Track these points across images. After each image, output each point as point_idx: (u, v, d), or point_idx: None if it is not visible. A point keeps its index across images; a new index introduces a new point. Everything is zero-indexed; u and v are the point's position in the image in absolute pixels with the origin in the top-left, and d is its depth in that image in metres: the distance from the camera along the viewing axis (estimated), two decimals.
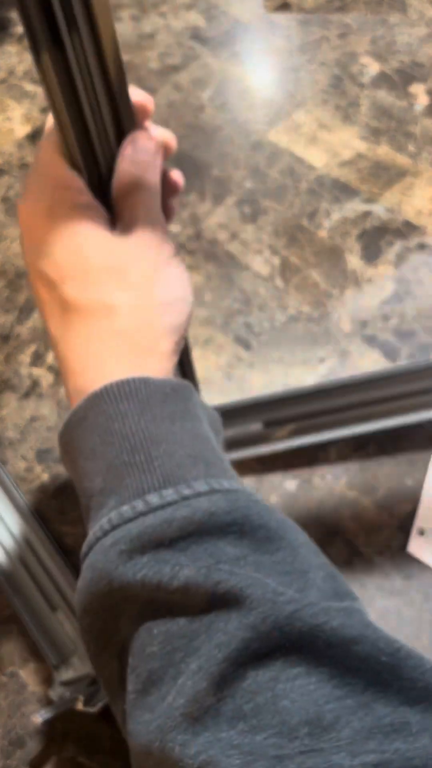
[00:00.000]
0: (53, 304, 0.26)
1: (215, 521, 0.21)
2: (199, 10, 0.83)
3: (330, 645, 0.19)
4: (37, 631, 0.44)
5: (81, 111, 0.25)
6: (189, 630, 0.20)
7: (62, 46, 0.23)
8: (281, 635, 0.19)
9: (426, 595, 0.46)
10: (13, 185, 0.69)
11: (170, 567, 0.20)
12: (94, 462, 0.23)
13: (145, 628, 0.21)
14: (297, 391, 0.50)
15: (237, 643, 0.19)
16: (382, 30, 0.79)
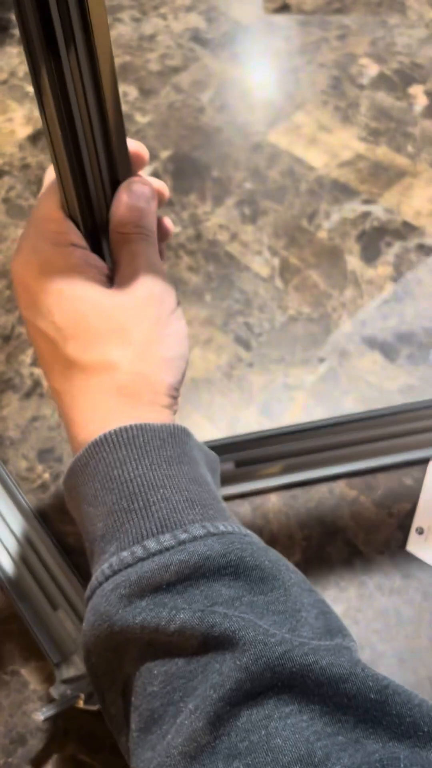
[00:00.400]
0: (55, 360, 0.27)
1: (211, 564, 0.22)
2: (199, 11, 0.84)
3: (320, 684, 0.19)
4: (38, 630, 0.45)
5: (81, 160, 0.26)
6: (187, 671, 0.21)
7: (67, 98, 0.24)
8: (273, 675, 0.19)
9: (425, 593, 0.46)
10: (14, 186, 0.70)
11: (167, 611, 0.21)
12: (95, 507, 0.24)
13: (146, 669, 0.21)
14: (269, 432, 0.50)
15: (231, 684, 0.19)
16: (381, 31, 0.80)
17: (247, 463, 0.50)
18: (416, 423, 0.51)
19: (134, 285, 0.27)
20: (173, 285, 0.29)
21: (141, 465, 0.24)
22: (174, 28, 0.82)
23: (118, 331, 0.26)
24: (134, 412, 0.26)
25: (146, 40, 0.81)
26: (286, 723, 0.19)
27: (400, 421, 0.51)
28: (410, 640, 0.44)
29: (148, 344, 0.26)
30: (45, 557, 0.48)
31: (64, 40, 0.22)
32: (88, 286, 0.26)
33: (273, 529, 0.49)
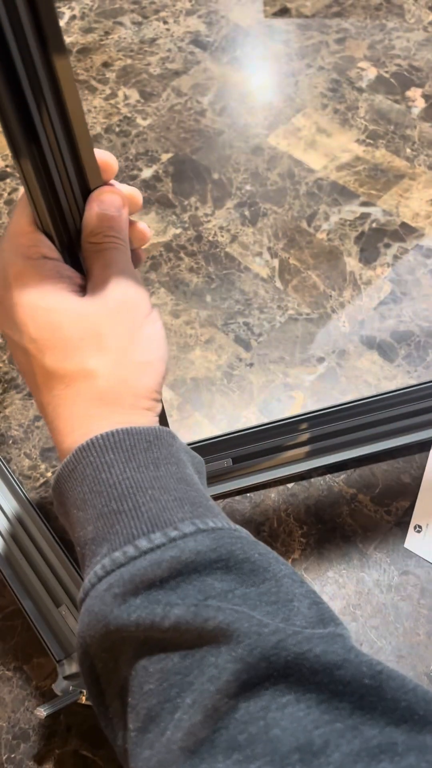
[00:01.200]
0: (34, 373, 0.27)
1: (202, 559, 0.22)
2: (199, 15, 0.84)
3: (315, 671, 0.20)
4: (41, 627, 0.45)
5: (49, 174, 0.25)
6: (182, 666, 0.21)
7: (30, 116, 0.24)
8: (268, 665, 0.20)
9: (423, 590, 0.46)
10: (16, 188, 0.70)
11: (162, 607, 0.21)
12: (84, 511, 0.25)
13: (142, 667, 0.21)
14: (264, 425, 0.51)
15: (228, 676, 0.20)
16: (380, 34, 0.80)
17: (244, 458, 0.50)
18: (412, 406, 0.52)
19: (107, 292, 0.27)
20: (175, 291, 0.29)
21: (128, 467, 0.24)
22: (175, 31, 0.83)
23: (94, 339, 0.26)
24: (117, 417, 0.26)
25: (147, 44, 0.82)
26: (283, 713, 0.19)
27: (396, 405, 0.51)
28: (408, 636, 0.45)
29: (124, 349, 0.27)
30: (47, 554, 0.49)
31: (18, 52, 0.22)
32: (60, 296, 0.27)
33: (272, 525, 0.50)
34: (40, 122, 0.24)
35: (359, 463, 0.52)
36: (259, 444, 0.50)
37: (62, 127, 0.25)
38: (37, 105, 0.24)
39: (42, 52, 0.22)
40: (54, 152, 0.25)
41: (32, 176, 0.26)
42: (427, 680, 0.43)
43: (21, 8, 0.20)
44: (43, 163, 0.25)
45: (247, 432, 0.51)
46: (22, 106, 0.24)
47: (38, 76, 0.23)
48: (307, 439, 0.51)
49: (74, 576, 0.48)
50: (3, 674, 0.45)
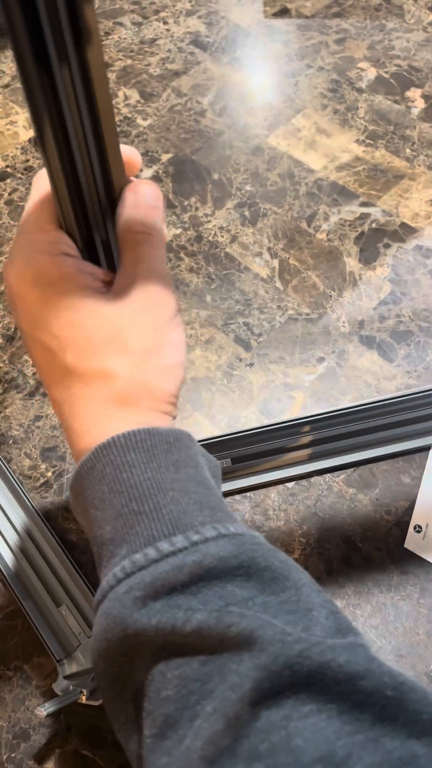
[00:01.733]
0: (53, 370, 0.26)
1: (224, 565, 0.22)
2: (199, 15, 0.84)
3: (338, 681, 0.19)
4: (42, 626, 0.45)
5: (76, 174, 0.25)
6: (202, 673, 0.20)
7: (62, 114, 0.24)
8: (292, 674, 0.19)
9: (422, 589, 0.46)
10: (17, 188, 0.70)
11: (183, 612, 0.21)
12: (103, 510, 0.24)
13: (159, 672, 0.21)
14: (263, 427, 0.51)
15: (250, 683, 0.19)
16: (380, 35, 0.81)
17: (244, 459, 0.50)
18: (412, 413, 0.52)
19: (134, 291, 0.26)
20: (175, 291, 0.28)
21: (149, 468, 0.24)
22: (175, 32, 0.83)
23: (116, 339, 0.26)
24: (136, 418, 0.26)
25: (147, 44, 0.82)
26: (305, 723, 0.19)
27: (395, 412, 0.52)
28: (408, 636, 0.45)
29: (146, 352, 0.26)
30: (48, 554, 0.49)
31: (57, 55, 0.22)
32: (83, 294, 0.26)
33: (272, 525, 0.50)
34: (69, 114, 0.24)
35: (359, 464, 0.52)
36: (258, 446, 0.51)
37: (90, 119, 0.25)
38: (67, 96, 0.24)
39: (75, 41, 0.22)
40: (80, 146, 0.25)
41: (59, 171, 0.25)
42: (426, 680, 0.44)
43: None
44: (70, 157, 0.25)
45: (247, 433, 0.51)
46: (55, 98, 0.23)
47: (70, 67, 0.23)
48: (308, 442, 0.51)
49: (74, 576, 0.48)
50: (3, 674, 0.45)
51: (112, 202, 0.28)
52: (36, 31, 0.22)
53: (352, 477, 0.51)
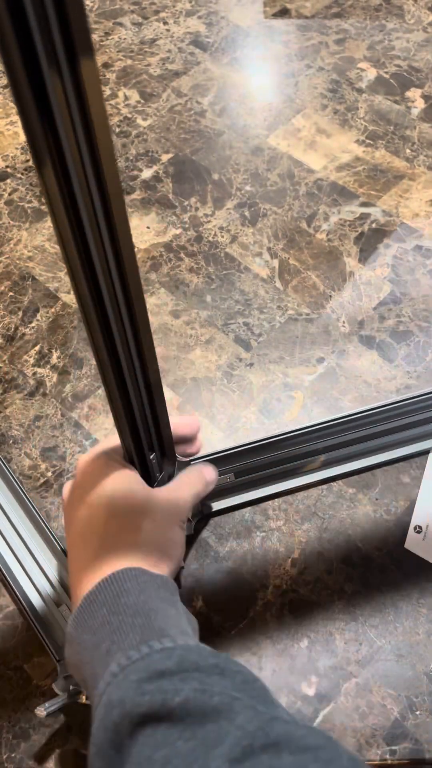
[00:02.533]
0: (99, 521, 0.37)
1: (205, 662, 0.27)
2: (199, 16, 0.85)
3: (302, 749, 0.23)
4: (41, 626, 0.45)
5: (137, 434, 0.37)
6: (187, 748, 0.24)
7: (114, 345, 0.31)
8: (265, 735, 0.23)
9: (422, 590, 0.46)
10: (17, 188, 0.70)
11: (172, 689, 0.26)
12: (100, 634, 0.30)
13: (146, 757, 0.24)
14: (265, 439, 0.51)
15: (230, 742, 0.23)
16: (379, 35, 0.81)
17: (246, 472, 0.50)
18: (412, 417, 0.52)
19: (166, 494, 0.40)
20: (175, 291, 0.35)
21: (142, 595, 0.31)
22: (175, 32, 0.83)
23: (151, 511, 0.37)
24: (145, 564, 0.35)
25: (147, 45, 0.82)
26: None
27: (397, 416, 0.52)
28: (408, 636, 0.45)
29: (164, 527, 0.37)
30: (47, 554, 0.49)
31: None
32: (137, 482, 0.39)
33: (272, 525, 0.50)
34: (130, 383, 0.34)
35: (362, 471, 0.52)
36: (262, 458, 0.50)
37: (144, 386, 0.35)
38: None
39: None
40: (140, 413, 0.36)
41: (129, 442, 0.37)
42: (426, 680, 0.44)
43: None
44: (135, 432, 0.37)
45: (251, 447, 0.50)
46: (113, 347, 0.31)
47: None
48: (311, 451, 0.51)
49: None
50: (3, 673, 0.46)
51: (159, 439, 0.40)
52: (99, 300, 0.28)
53: (353, 477, 0.51)
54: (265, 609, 0.47)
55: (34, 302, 0.62)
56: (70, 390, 0.57)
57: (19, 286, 0.64)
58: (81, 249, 0.25)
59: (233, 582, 0.48)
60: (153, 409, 0.37)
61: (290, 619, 0.46)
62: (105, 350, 0.30)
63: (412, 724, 0.42)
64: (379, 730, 0.42)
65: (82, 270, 0.25)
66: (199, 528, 0.50)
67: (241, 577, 0.48)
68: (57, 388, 0.57)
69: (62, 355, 0.59)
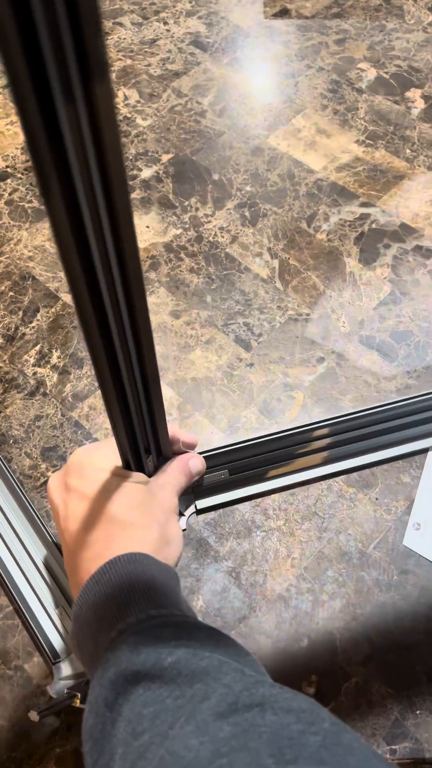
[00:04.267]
0: (109, 523, 0.38)
1: (200, 633, 0.29)
2: (199, 16, 0.85)
3: (285, 710, 0.24)
4: (37, 628, 0.45)
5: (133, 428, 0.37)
6: (176, 706, 0.25)
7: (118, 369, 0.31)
8: (250, 695, 0.25)
9: (422, 588, 0.46)
10: (17, 188, 0.70)
11: (166, 651, 0.27)
12: (103, 609, 0.32)
13: (137, 714, 0.26)
14: (263, 437, 0.50)
15: (216, 699, 0.25)
16: (379, 35, 0.81)
17: (241, 470, 0.50)
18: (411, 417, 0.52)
19: (160, 490, 0.41)
20: (175, 292, 0.33)
21: (145, 574, 0.33)
22: (175, 32, 0.83)
23: (149, 509, 0.39)
24: (150, 553, 0.36)
25: (147, 45, 0.82)
26: (266, 723, 0.23)
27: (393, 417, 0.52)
28: (408, 635, 0.45)
29: (164, 523, 0.39)
30: (46, 555, 0.49)
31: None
32: (135, 483, 0.40)
33: (272, 525, 0.50)
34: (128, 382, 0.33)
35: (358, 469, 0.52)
36: (257, 457, 0.50)
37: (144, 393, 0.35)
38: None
39: None
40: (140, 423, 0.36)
41: (121, 425, 0.36)
42: (426, 679, 0.44)
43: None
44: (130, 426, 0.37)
45: (245, 444, 0.50)
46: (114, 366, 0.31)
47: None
48: (308, 450, 0.51)
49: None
50: (4, 673, 0.46)
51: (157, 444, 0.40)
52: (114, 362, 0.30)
53: (352, 476, 0.51)
54: (265, 608, 0.47)
55: (35, 302, 0.62)
56: (71, 390, 0.57)
57: (20, 286, 0.64)
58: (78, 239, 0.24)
59: (233, 582, 0.48)
60: (150, 410, 0.37)
61: (290, 618, 0.46)
62: (102, 349, 0.29)
63: (413, 723, 0.42)
64: (380, 730, 0.42)
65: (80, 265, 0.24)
66: (192, 524, 0.50)
67: (240, 576, 0.48)
68: (57, 388, 0.57)
69: (62, 355, 0.59)
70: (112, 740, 0.26)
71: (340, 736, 0.23)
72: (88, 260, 0.24)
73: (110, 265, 0.25)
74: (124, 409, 0.34)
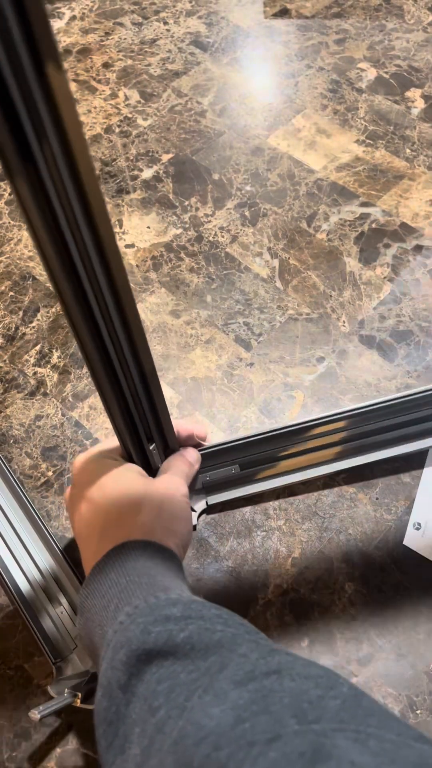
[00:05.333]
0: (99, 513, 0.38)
1: (208, 612, 0.29)
2: (199, 16, 0.85)
3: (302, 676, 0.24)
4: (38, 628, 0.45)
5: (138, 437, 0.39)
6: (190, 679, 0.25)
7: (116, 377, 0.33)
8: (266, 663, 0.25)
9: (422, 588, 0.47)
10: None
11: (177, 628, 0.27)
12: (108, 596, 0.32)
13: (152, 691, 0.25)
14: (272, 431, 0.50)
15: (233, 668, 0.24)
16: (379, 35, 0.81)
17: (250, 465, 0.50)
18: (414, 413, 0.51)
19: (164, 479, 0.42)
20: (175, 291, 0.35)
21: (149, 560, 0.33)
22: (175, 32, 0.83)
23: (144, 494, 0.40)
24: (150, 538, 0.37)
25: (147, 45, 0.82)
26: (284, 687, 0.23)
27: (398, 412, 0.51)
28: (408, 635, 0.45)
29: (162, 508, 0.39)
30: (46, 555, 0.49)
31: None
32: (135, 473, 0.41)
33: (272, 525, 0.50)
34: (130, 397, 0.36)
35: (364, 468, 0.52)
36: (265, 451, 0.50)
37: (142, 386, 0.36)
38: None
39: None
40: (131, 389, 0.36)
41: (120, 419, 0.37)
42: (426, 679, 0.44)
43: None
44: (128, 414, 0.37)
45: (255, 438, 0.50)
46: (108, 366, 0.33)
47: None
48: (318, 446, 0.51)
49: (72, 578, 0.48)
50: (4, 673, 0.46)
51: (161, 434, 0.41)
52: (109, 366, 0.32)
53: (353, 476, 0.51)
54: (265, 608, 0.47)
55: (35, 302, 0.62)
56: (71, 390, 0.57)
57: (20, 285, 0.64)
58: (56, 237, 0.25)
59: (233, 581, 0.48)
60: (150, 398, 0.36)
61: (291, 618, 0.46)
62: (90, 340, 0.29)
63: (413, 723, 0.42)
64: None
65: (58, 260, 0.25)
66: (199, 523, 0.50)
67: (241, 576, 0.48)
68: (57, 388, 0.57)
69: (63, 354, 0.59)
70: (126, 721, 0.26)
71: (359, 699, 0.23)
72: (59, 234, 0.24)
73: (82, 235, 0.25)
74: (118, 391, 0.34)
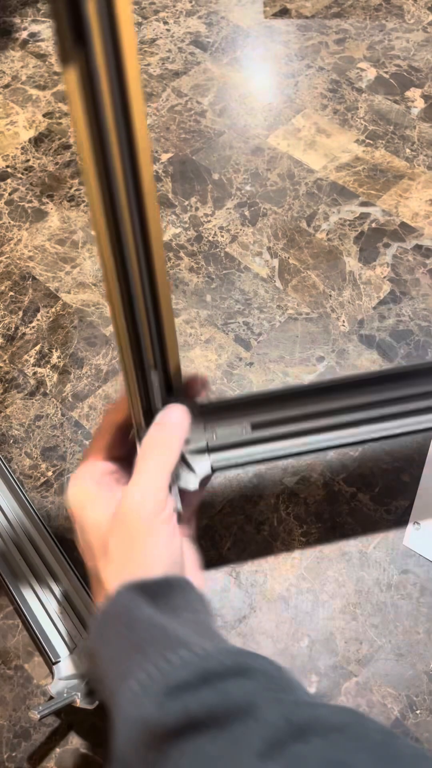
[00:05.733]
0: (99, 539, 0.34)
1: (223, 668, 0.27)
2: (199, 16, 0.85)
3: (331, 728, 0.23)
4: (37, 628, 0.45)
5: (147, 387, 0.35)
6: (214, 751, 0.24)
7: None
8: (289, 724, 0.24)
9: (422, 588, 0.46)
10: (17, 188, 0.70)
11: (194, 699, 0.25)
12: (117, 649, 0.29)
13: (178, 760, 0.24)
14: (286, 390, 0.45)
15: (257, 740, 0.23)
16: (379, 35, 0.81)
17: (264, 425, 0.44)
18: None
19: (122, 501, 0.35)
20: (175, 291, 0.34)
21: (151, 608, 0.30)
22: (175, 32, 0.83)
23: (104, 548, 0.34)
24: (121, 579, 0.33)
25: (147, 44, 0.82)
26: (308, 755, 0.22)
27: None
28: (408, 635, 0.45)
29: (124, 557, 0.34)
30: (46, 555, 0.49)
31: None
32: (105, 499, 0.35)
33: (272, 524, 0.50)
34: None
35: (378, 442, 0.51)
36: (281, 411, 0.44)
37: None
38: None
39: None
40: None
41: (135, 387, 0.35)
42: (426, 679, 0.44)
43: None
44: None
45: (269, 395, 0.45)
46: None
47: None
48: (334, 409, 0.45)
49: (72, 578, 0.48)
50: (4, 673, 0.46)
51: None
52: None
53: (352, 476, 0.51)
54: (265, 608, 0.47)
55: (35, 302, 0.62)
56: (71, 390, 0.57)
57: (20, 285, 0.64)
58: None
59: (233, 581, 0.48)
60: (157, 314, 0.33)
61: (290, 618, 0.46)
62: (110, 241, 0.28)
63: (413, 723, 0.42)
64: None
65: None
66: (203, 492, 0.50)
67: (241, 576, 0.48)
68: (57, 388, 0.57)
69: (62, 354, 0.59)
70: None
71: (388, 748, 0.22)
72: None
73: None
74: (128, 302, 0.31)
